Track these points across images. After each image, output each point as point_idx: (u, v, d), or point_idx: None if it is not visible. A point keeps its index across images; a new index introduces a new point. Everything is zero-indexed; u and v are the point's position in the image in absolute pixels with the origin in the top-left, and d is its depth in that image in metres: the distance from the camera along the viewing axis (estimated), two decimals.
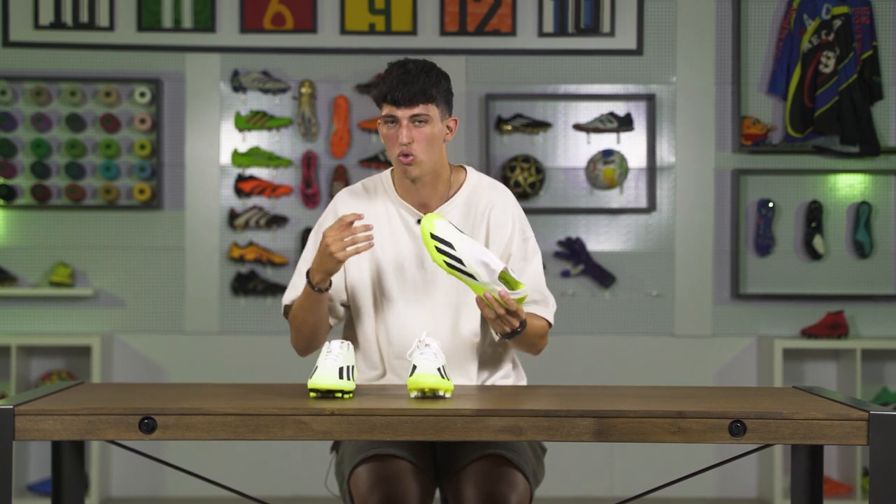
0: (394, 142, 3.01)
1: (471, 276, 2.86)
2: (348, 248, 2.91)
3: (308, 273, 3.00)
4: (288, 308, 3.14)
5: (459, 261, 2.85)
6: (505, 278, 2.88)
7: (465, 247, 2.86)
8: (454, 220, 3.08)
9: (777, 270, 5.98)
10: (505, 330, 2.92)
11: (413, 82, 2.97)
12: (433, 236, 2.86)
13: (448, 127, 3.07)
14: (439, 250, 2.86)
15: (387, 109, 3.00)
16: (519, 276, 3.06)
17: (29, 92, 5.88)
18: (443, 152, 3.09)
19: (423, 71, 3.00)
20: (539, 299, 3.11)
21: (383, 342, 3.10)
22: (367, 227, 2.92)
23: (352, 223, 2.91)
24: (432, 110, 3.01)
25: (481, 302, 2.88)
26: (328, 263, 2.94)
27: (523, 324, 2.94)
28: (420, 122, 3.00)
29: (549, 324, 3.12)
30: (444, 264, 2.86)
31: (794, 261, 6.00)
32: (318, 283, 2.99)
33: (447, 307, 3.08)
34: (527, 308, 3.05)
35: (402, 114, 2.99)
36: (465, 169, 3.19)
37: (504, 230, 3.11)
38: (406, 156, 3.00)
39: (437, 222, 2.88)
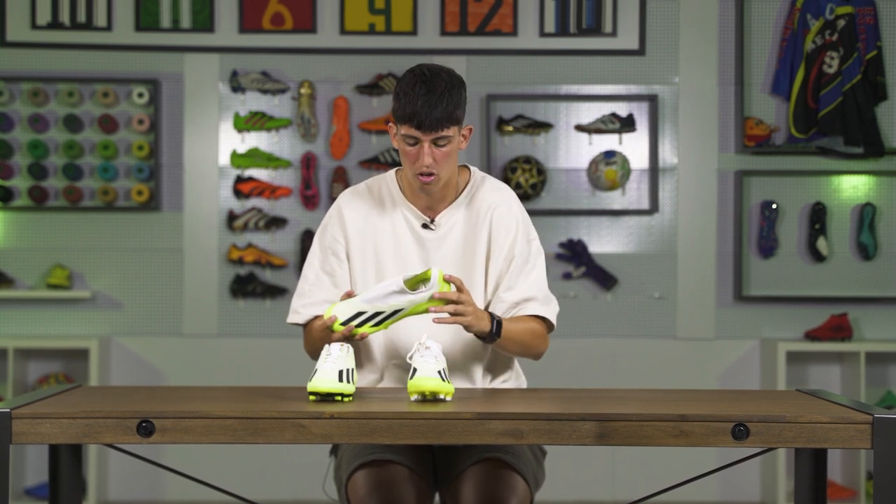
0: (414, 160, 2.97)
1: (396, 312, 2.86)
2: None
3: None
4: (295, 315, 3.13)
5: (379, 313, 2.85)
6: (413, 282, 2.88)
7: (367, 302, 2.85)
8: (458, 222, 3.08)
9: (780, 272, 5.96)
10: (475, 325, 2.91)
11: (437, 105, 2.91)
12: (345, 324, 2.86)
13: (463, 136, 3.05)
14: (364, 324, 2.86)
15: (408, 130, 2.95)
16: (524, 276, 3.05)
17: (26, 92, 5.86)
18: (456, 161, 3.08)
19: (447, 90, 2.93)
20: (540, 297, 3.08)
21: (384, 345, 3.07)
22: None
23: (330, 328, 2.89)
24: (454, 130, 2.98)
25: (437, 316, 2.88)
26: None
27: (498, 323, 2.94)
28: (441, 144, 2.97)
29: (551, 325, 3.09)
30: (373, 327, 2.87)
31: (797, 263, 5.97)
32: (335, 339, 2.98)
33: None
34: (527, 305, 3.03)
35: (425, 137, 2.95)
36: (468, 169, 3.17)
37: (507, 232, 3.08)
38: (427, 174, 2.98)
39: (335, 314, 2.86)
